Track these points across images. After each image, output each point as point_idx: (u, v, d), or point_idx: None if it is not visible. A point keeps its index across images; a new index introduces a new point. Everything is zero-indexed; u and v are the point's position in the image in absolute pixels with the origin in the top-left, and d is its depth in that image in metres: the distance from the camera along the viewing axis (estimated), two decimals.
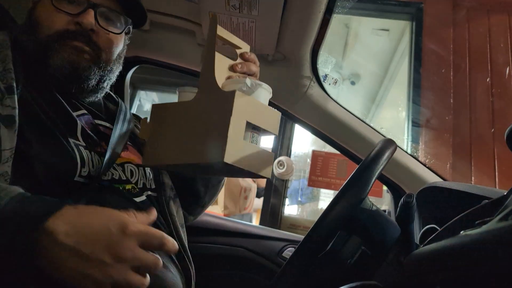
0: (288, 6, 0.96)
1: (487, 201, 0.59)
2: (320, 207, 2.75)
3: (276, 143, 2.50)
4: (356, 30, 2.95)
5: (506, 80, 2.43)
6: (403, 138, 2.48)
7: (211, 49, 0.69)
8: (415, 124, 2.46)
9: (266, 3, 0.94)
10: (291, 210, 2.67)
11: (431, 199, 1.04)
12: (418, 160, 1.28)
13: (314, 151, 2.48)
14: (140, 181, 0.83)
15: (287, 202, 2.55)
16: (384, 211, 0.91)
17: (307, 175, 2.48)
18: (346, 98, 2.95)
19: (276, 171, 2.37)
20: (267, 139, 2.50)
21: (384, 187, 1.88)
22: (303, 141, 2.81)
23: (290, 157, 2.49)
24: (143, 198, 0.81)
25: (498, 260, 0.33)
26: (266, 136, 0.74)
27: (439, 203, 1.01)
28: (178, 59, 1.27)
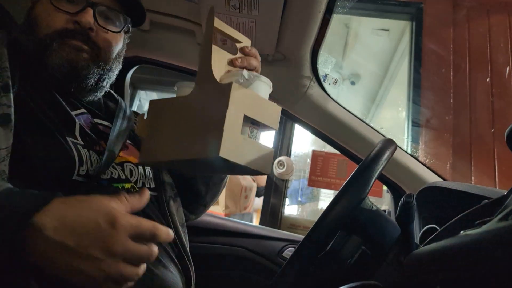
0: (288, 6, 0.96)
1: (487, 201, 0.59)
2: (320, 207, 2.75)
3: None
4: (356, 30, 2.95)
5: (506, 80, 2.43)
6: (403, 138, 2.48)
7: (208, 41, 0.65)
8: (415, 124, 2.46)
9: (266, 3, 0.94)
10: (291, 210, 2.67)
11: (431, 199, 1.04)
12: (418, 160, 1.28)
13: (314, 151, 2.48)
14: (140, 180, 0.83)
15: (287, 202, 2.55)
16: (384, 211, 0.91)
17: (307, 175, 2.48)
18: (346, 98, 2.95)
19: (276, 171, 2.37)
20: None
21: (384, 187, 1.88)
22: (303, 141, 2.81)
23: (290, 157, 2.49)
24: None
25: (498, 260, 0.33)
26: (266, 132, 0.70)
27: (439, 203, 1.01)
28: (178, 59, 1.27)
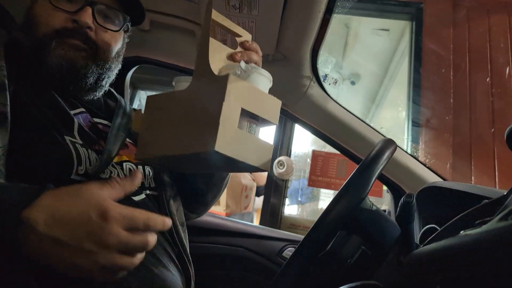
0: (288, 6, 0.96)
1: (487, 201, 0.59)
2: (320, 207, 2.75)
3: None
4: (356, 30, 2.95)
5: (506, 80, 2.43)
6: (403, 138, 2.48)
7: (206, 34, 0.63)
8: (415, 124, 2.46)
9: (266, 3, 0.94)
10: (291, 210, 2.67)
11: (431, 199, 1.04)
12: (418, 160, 1.28)
13: (314, 151, 2.48)
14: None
15: (287, 202, 2.55)
16: (384, 211, 0.91)
17: (307, 175, 2.48)
18: (346, 98, 2.95)
19: (276, 171, 2.37)
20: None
21: (384, 187, 1.88)
22: (303, 141, 2.80)
23: (290, 157, 2.49)
24: (142, 196, 0.80)
25: (498, 260, 0.33)
26: (266, 128, 0.68)
27: (439, 203, 1.01)
28: (178, 59, 1.27)
